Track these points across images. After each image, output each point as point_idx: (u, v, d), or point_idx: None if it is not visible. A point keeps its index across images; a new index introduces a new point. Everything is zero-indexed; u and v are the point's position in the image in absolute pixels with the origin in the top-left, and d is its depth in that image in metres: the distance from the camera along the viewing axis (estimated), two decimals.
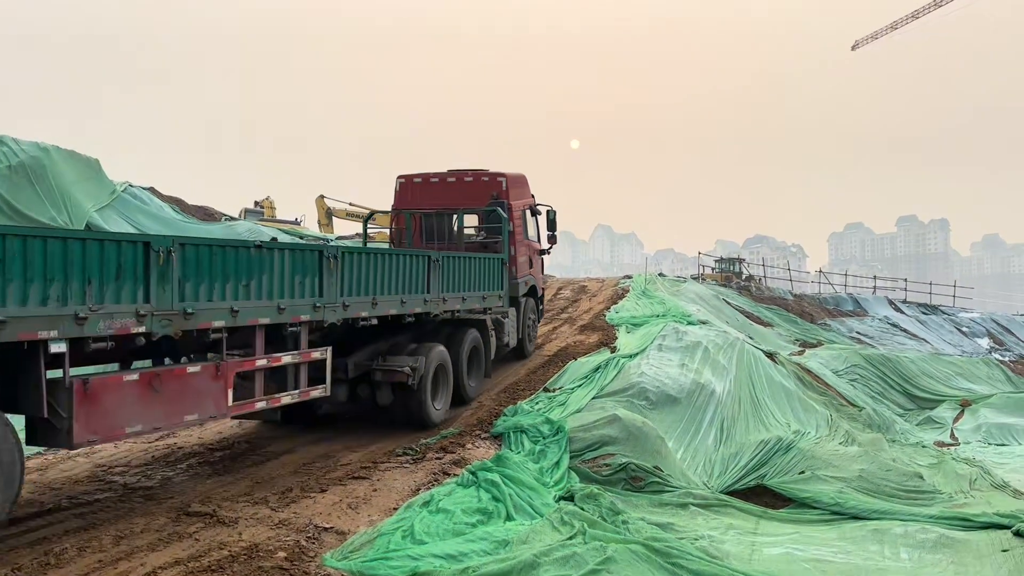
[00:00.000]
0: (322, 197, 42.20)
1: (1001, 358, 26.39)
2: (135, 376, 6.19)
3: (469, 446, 9.01)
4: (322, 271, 7.97)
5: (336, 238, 32.38)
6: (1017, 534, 7.61)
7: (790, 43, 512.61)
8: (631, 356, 13.12)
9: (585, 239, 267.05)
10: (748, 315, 25.92)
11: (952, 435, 16.40)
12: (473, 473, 7.65)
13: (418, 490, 7.42)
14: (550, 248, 15.20)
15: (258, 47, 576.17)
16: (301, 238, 25.78)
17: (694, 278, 38.48)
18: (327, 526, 6.37)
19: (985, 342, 31.82)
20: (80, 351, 5.75)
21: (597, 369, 12.35)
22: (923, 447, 13.61)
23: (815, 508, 8.93)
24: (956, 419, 17.45)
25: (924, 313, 35.64)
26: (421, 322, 10.21)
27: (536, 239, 14.80)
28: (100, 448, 9.08)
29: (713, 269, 44.04)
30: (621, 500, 7.98)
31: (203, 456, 8.62)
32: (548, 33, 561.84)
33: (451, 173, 13.91)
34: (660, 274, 35.76)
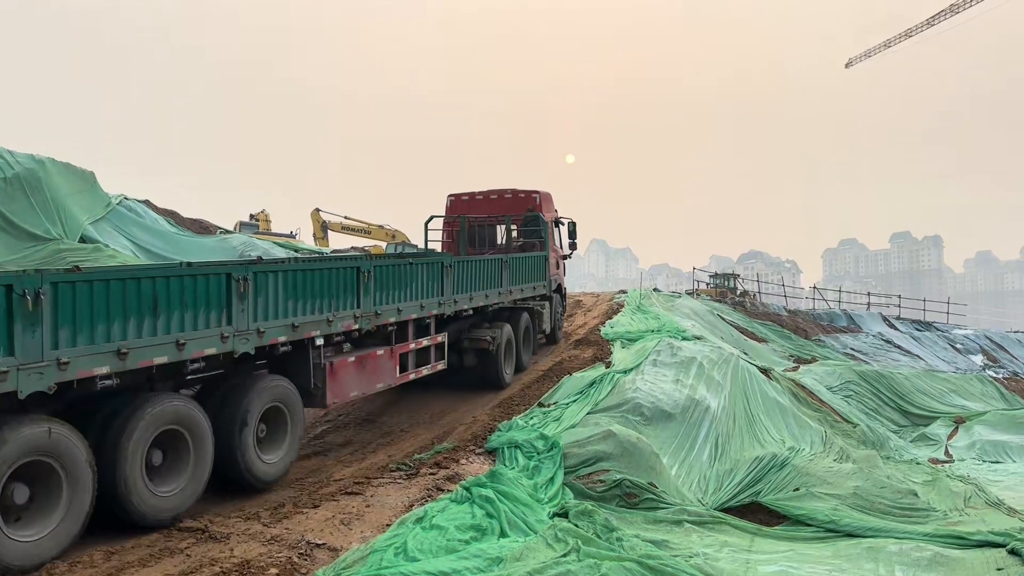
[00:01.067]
0: (317, 210, 42.22)
1: (995, 375, 26.43)
2: (353, 358, 9.11)
3: (463, 461, 8.96)
4: (443, 277, 10.91)
5: (331, 251, 32.34)
6: (1012, 552, 7.59)
7: (784, 59, 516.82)
8: (626, 371, 13.10)
9: (580, 253, 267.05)
10: (742, 331, 25.93)
11: (946, 452, 16.41)
12: (467, 489, 7.60)
13: (411, 506, 7.37)
14: (571, 254, 17.83)
15: (255, 26, 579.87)
16: (296, 251, 25.73)
17: (689, 293, 38.52)
18: (319, 542, 6.33)
19: (979, 359, 31.88)
20: (328, 343, 8.61)
21: (592, 384, 12.32)
22: (917, 464, 13.60)
23: (810, 525, 8.90)
24: (950, 436, 17.46)
25: (918, 330, 35.71)
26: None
27: (559, 247, 17.37)
28: None
29: (708, 284, 44.11)
30: (615, 517, 7.94)
31: None
32: (548, 16, 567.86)
33: (493, 192, 16.52)
34: (655, 289, 35.81)
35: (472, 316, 12.54)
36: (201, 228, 24.15)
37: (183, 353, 6.63)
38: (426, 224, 16.50)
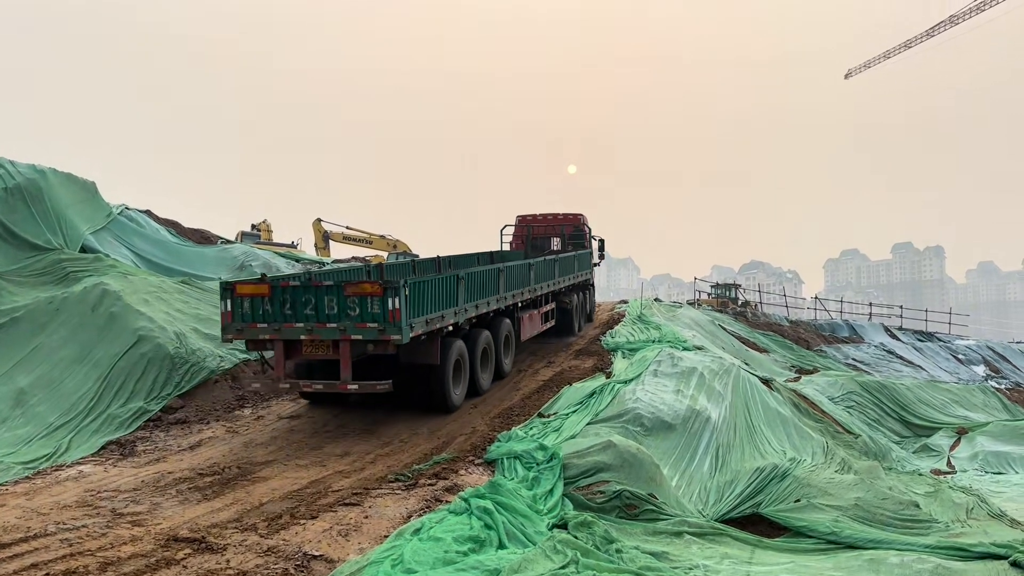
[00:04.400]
0: (319, 220, 42.30)
1: (997, 385, 26.35)
2: (527, 315, 15.60)
3: (462, 472, 8.92)
4: (555, 267, 17.40)
5: (332, 261, 32.34)
6: (1014, 564, 7.53)
7: (785, 70, 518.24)
8: (626, 382, 13.04)
9: None
10: (744, 341, 25.89)
11: (948, 463, 16.31)
12: (465, 500, 7.55)
13: (410, 517, 7.33)
14: (600, 262, 23.49)
15: (253, 34, 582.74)
16: (298, 261, 25.74)
17: (690, 303, 38.49)
18: (317, 554, 6.29)
19: (981, 369, 31.79)
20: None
21: (592, 394, 12.27)
22: (920, 475, 13.50)
23: (810, 537, 8.82)
24: (952, 447, 17.34)
25: (920, 340, 35.65)
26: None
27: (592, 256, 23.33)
28: (90, 472, 9.01)
29: (709, 295, 44.11)
30: (615, 528, 7.88)
31: (192, 481, 8.53)
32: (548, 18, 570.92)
33: (550, 214, 23.12)
34: (656, 299, 35.80)
35: (561, 290, 18.34)
36: (202, 238, 24.14)
37: (488, 307, 12.89)
38: (501, 231, 22.82)
